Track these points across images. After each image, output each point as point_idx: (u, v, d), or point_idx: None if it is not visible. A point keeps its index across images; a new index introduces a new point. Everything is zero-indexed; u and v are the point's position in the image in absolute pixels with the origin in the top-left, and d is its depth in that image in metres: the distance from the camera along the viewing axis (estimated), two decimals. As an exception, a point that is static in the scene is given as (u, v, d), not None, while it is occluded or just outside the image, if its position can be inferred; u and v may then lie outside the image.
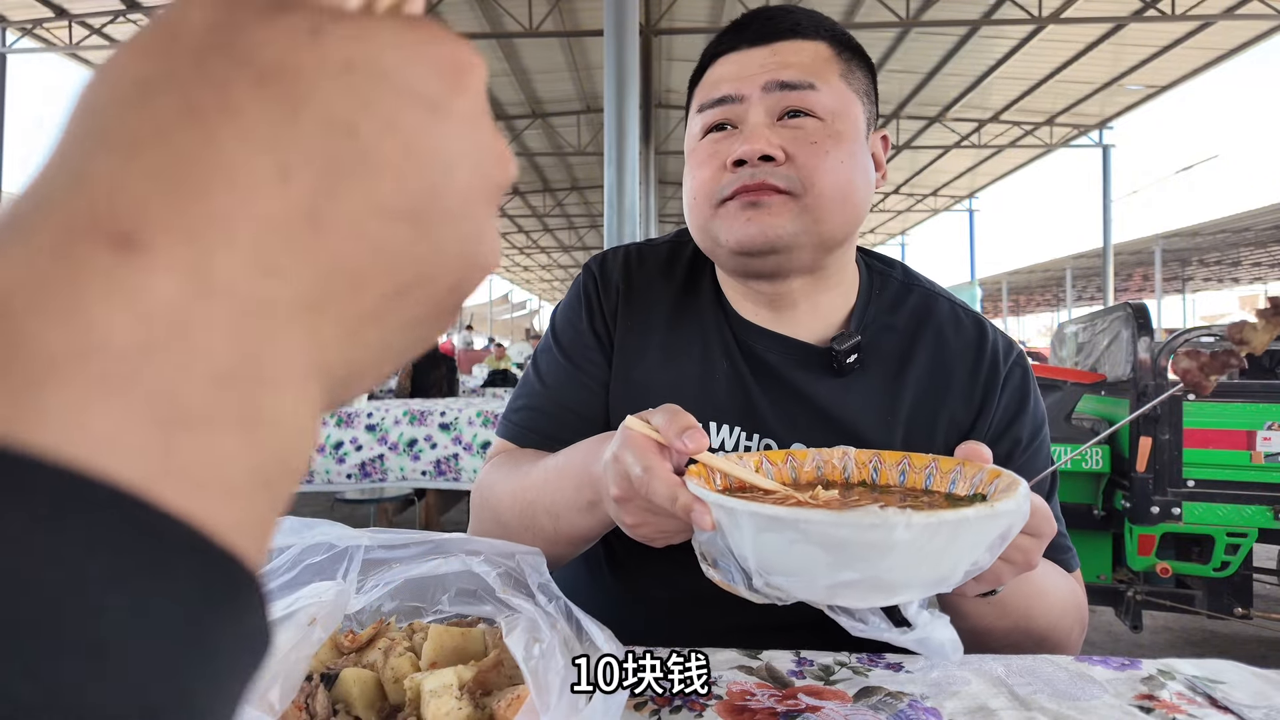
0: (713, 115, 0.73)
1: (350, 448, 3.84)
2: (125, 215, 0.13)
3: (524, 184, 16.90)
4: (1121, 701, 0.54)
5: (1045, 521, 0.53)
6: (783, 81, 0.70)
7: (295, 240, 0.14)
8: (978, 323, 0.80)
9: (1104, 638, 2.84)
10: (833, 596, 0.45)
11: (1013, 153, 13.87)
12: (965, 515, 0.42)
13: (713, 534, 0.49)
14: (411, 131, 0.16)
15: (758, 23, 0.74)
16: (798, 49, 0.72)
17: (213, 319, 0.13)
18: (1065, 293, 23.00)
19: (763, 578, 0.47)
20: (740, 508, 0.44)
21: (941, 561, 0.44)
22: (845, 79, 0.73)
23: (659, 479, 0.50)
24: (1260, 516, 2.26)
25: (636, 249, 0.86)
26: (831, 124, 0.70)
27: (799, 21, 0.73)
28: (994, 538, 0.45)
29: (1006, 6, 8.22)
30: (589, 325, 0.81)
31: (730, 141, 0.71)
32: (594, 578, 0.82)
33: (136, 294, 0.12)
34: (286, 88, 0.15)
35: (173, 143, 0.14)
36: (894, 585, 0.44)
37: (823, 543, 0.42)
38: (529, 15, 8.30)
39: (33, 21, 8.24)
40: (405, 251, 0.17)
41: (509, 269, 30.67)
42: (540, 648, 0.45)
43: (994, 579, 0.54)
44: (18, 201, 0.13)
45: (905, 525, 0.40)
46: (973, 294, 14.06)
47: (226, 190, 0.14)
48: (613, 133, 4.89)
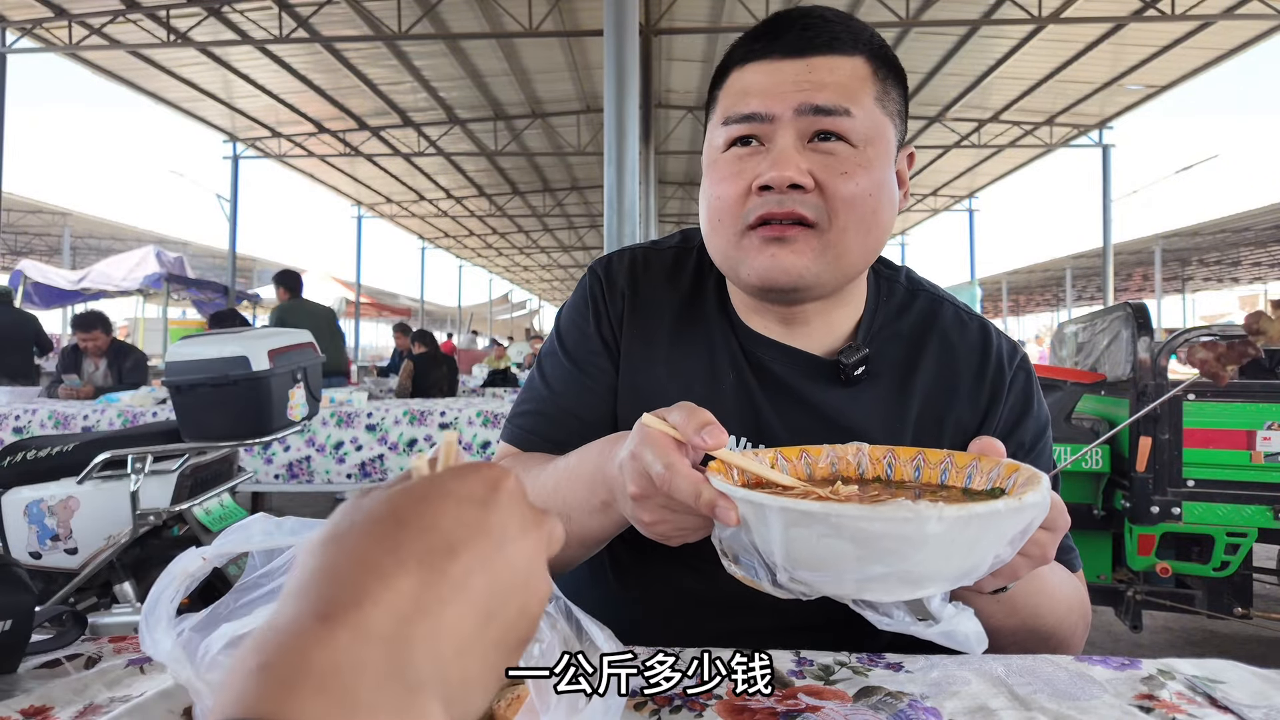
0: (739, 130, 0.69)
1: (350, 448, 3.84)
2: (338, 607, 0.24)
3: (524, 184, 16.88)
4: (1121, 701, 0.54)
5: (1061, 516, 0.54)
6: (817, 105, 0.66)
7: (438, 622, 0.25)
8: (982, 327, 0.80)
9: (1104, 638, 2.84)
10: (860, 591, 0.46)
11: (1012, 152, 13.85)
12: (995, 508, 0.42)
13: (735, 530, 0.49)
14: (481, 544, 0.28)
15: (793, 32, 0.68)
16: (834, 66, 0.67)
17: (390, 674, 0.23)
18: (1065, 292, 22.99)
19: (788, 573, 0.47)
20: (769, 503, 0.44)
21: (970, 554, 0.44)
22: (880, 101, 0.69)
23: (681, 475, 0.50)
24: (1260, 516, 2.25)
25: (643, 253, 0.85)
26: (863, 151, 0.67)
27: (838, 34, 0.68)
28: (1018, 531, 0.45)
29: (1006, 6, 8.21)
30: (595, 330, 0.81)
31: (756, 161, 0.68)
32: (595, 579, 0.82)
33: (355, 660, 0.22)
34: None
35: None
36: (922, 579, 0.44)
37: (854, 537, 0.42)
38: (529, 15, 8.29)
39: (32, 21, 8.23)
40: (485, 597, 0.27)
41: (508, 269, 30.65)
42: (540, 648, 0.45)
43: (1011, 573, 0.54)
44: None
45: (938, 519, 0.41)
46: (973, 294, 14.04)
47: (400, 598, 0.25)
48: (613, 133, 4.89)
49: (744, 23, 8.42)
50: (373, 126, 12.54)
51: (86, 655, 0.61)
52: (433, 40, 9.09)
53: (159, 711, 0.49)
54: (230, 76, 10.22)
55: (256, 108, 11.61)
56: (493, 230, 21.83)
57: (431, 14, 8.42)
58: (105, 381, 4.38)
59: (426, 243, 23.04)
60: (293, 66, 10.03)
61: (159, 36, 8.72)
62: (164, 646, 0.42)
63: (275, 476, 3.83)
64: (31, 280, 8.62)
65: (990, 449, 0.53)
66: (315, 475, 3.83)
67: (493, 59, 10.04)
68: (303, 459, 3.82)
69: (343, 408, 3.90)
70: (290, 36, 8.64)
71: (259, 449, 3.74)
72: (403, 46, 9.43)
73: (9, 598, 0.58)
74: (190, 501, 2.25)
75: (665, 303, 0.81)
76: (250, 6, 8.40)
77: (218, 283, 10.58)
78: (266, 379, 2.14)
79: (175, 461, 2.24)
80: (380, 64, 10.08)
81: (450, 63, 10.09)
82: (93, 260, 14.97)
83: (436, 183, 16.31)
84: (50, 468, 2.16)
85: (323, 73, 10.36)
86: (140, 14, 8.34)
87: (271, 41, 8.79)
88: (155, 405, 3.78)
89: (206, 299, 9.84)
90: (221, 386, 2.10)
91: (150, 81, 10.33)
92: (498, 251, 25.51)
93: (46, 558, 2.14)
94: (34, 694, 0.54)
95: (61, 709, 0.52)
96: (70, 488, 2.14)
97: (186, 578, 0.46)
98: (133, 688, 0.55)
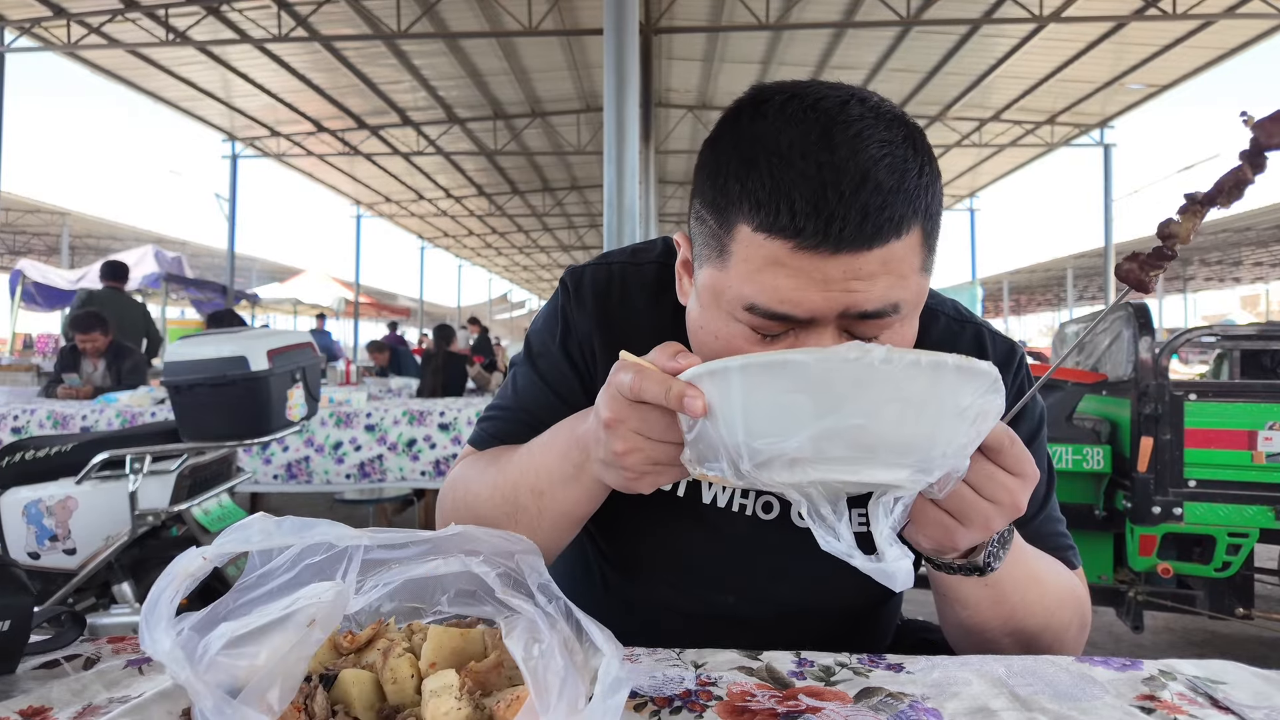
0: (765, 326, 0.56)
1: (349, 448, 3.83)
2: None
3: (524, 183, 16.88)
4: (1122, 702, 0.54)
5: (1028, 462, 0.55)
6: (864, 312, 0.54)
7: None
8: (975, 334, 0.79)
9: (1105, 638, 2.84)
10: (820, 451, 0.46)
11: (1014, 152, 13.86)
12: (943, 359, 0.44)
13: (703, 426, 0.50)
14: None
15: (851, 225, 0.51)
16: (888, 256, 0.53)
17: None
18: (1066, 292, 22.98)
19: (750, 459, 0.48)
20: (731, 363, 0.47)
21: (920, 420, 0.45)
22: (924, 267, 0.57)
23: (650, 374, 0.52)
24: (1261, 516, 2.25)
25: (620, 269, 0.78)
26: (900, 328, 0.58)
27: (897, 220, 0.52)
28: (973, 415, 0.47)
29: (1007, 5, 8.21)
30: (561, 347, 0.77)
31: (779, 345, 0.58)
32: (594, 580, 0.82)
33: None
34: None
35: None
36: (875, 446, 0.46)
37: (808, 384, 0.45)
38: (528, 14, 8.29)
39: (31, 20, 8.23)
40: None
41: (508, 268, 30.64)
42: (540, 648, 0.45)
43: (984, 524, 0.54)
44: None
45: (884, 358, 0.43)
46: (973, 294, 14.04)
47: None
48: (612, 132, 4.89)
49: (744, 21, 8.42)
50: (372, 125, 12.54)
51: (85, 656, 0.61)
52: (432, 39, 9.09)
53: (158, 712, 0.49)
54: (229, 75, 10.22)
55: (255, 107, 11.61)
56: (492, 230, 21.83)
57: (431, 13, 8.41)
58: (104, 382, 4.38)
59: (426, 242, 23.05)
60: (292, 65, 10.03)
61: (158, 35, 8.72)
62: (163, 646, 0.42)
63: (274, 477, 3.82)
64: (30, 280, 8.62)
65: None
66: (314, 475, 3.83)
67: (492, 58, 10.03)
68: (301, 459, 3.82)
69: (342, 408, 3.90)
70: (289, 35, 8.64)
71: (258, 449, 3.74)
72: (402, 45, 9.43)
73: (7, 598, 0.58)
74: (189, 502, 2.24)
75: (643, 323, 0.75)
76: (249, 5, 8.40)
77: (216, 282, 10.59)
78: (265, 379, 2.14)
79: (174, 462, 2.24)
80: (379, 63, 10.08)
81: (450, 62, 10.09)
82: (91, 260, 14.96)
83: (436, 182, 16.31)
84: (49, 468, 2.16)
85: (322, 72, 10.36)
86: (139, 13, 8.34)
87: (270, 40, 8.79)
88: (154, 405, 3.77)
89: (205, 299, 9.84)
90: (220, 387, 2.10)
91: (149, 80, 10.33)
92: (497, 251, 25.51)
93: (45, 558, 2.13)
94: (33, 694, 0.54)
95: (60, 710, 0.52)
96: (69, 488, 2.14)
97: (186, 578, 0.46)
98: (131, 688, 0.55)
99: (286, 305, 13.88)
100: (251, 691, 0.41)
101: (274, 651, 0.44)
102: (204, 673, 0.42)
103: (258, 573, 0.50)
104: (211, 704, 0.38)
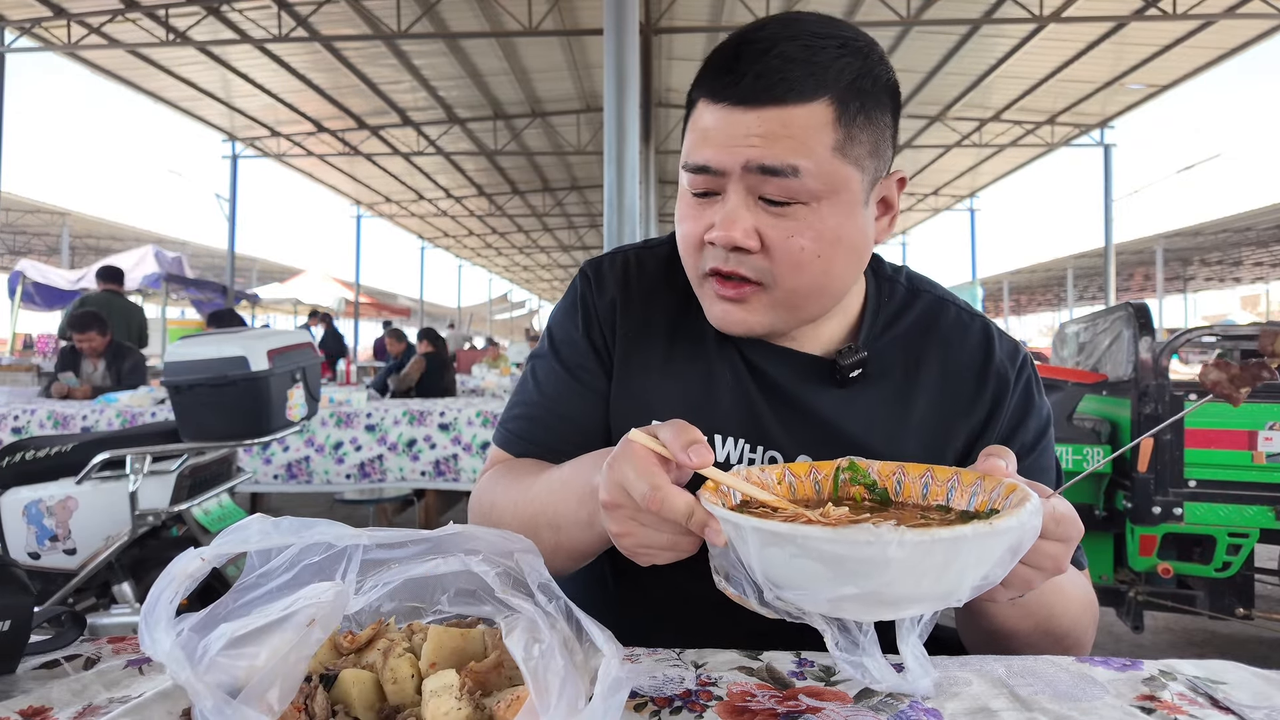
0: (696, 182, 0.67)
1: (350, 448, 3.83)
2: None
3: (524, 183, 16.88)
4: (1123, 702, 0.54)
5: (1073, 526, 0.53)
6: (763, 165, 0.62)
7: None
8: (984, 327, 0.79)
9: (1105, 638, 2.84)
10: (837, 609, 0.47)
11: (1014, 152, 13.86)
12: (961, 533, 0.43)
13: (725, 548, 0.50)
14: None
15: (749, 78, 0.62)
16: (788, 118, 0.61)
17: None
18: (1067, 292, 22.99)
19: (772, 592, 0.48)
20: (745, 523, 0.46)
21: (944, 578, 0.44)
22: (841, 150, 0.63)
23: (674, 494, 0.50)
24: (1262, 517, 2.25)
25: (635, 254, 0.83)
26: (816, 209, 0.64)
27: (797, 80, 0.61)
28: (1001, 553, 0.46)
29: (1007, 5, 8.21)
30: (585, 334, 0.79)
31: (712, 211, 0.67)
32: (595, 578, 0.82)
33: None
34: None
35: None
36: (896, 600, 0.45)
37: (821, 558, 0.43)
38: (528, 14, 8.29)
39: (31, 20, 8.23)
40: None
41: (508, 268, 30.64)
42: (540, 648, 0.44)
43: (1024, 584, 0.53)
44: None
45: (898, 543, 0.41)
46: (974, 293, 14.03)
47: None
48: (613, 132, 4.89)
49: (744, 22, 8.39)
50: (372, 126, 12.54)
51: (85, 656, 0.61)
52: (432, 39, 9.09)
53: (158, 712, 0.49)
54: (229, 75, 10.22)
55: (255, 107, 11.61)
56: (492, 230, 21.83)
57: (431, 13, 8.42)
58: (104, 382, 4.38)
59: (426, 242, 23.05)
60: (292, 65, 10.03)
61: (158, 36, 8.72)
62: (163, 646, 0.42)
63: (274, 477, 3.82)
64: (31, 280, 8.62)
65: (994, 470, 0.52)
66: (314, 476, 3.83)
67: (492, 58, 10.03)
68: (302, 459, 3.82)
69: (342, 408, 3.90)
70: (289, 35, 8.64)
71: (258, 449, 3.74)
72: (402, 45, 9.43)
73: (7, 598, 0.58)
74: (189, 502, 2.24)
75: (660, 304, 0.80)
76: (249, 5, 8.40)
77: (216, 283, 10.58)
78: (265, 379, 2.14)
79: (174, 462, 2.24)
80: (379, 63, 10.08)
81: (450, 62, 10.09)
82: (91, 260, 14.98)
83: (436, 182, 16.31)
84: (49, 468, 2.16)
85: (322, 72, 10.36)
86: (139, 13, 8.34)
87: (270, 40, 8.79)
88: (154, 405, 3.77)
89: (205, 299, 9.84)
90: (220, 387, 2.10)
91: (149, 81, 10.33)
92: (497, 251, 25.52)
93: (45, 558, 2.13)
94: (33, 695, 0.54)
95: (60, 710, 0.52)
96: (69, 488, 2.14)
97: (186, 578, 0.46)
98: (131, 688, 0.55)
99: (286, 305, 13.88)
100: (251, 691, 0.41)
101: (274, 652, 0.44)
102: (204, 673, 0.42)
103: (257, 573, 0.50)
104: (211, 704, 0.38)
